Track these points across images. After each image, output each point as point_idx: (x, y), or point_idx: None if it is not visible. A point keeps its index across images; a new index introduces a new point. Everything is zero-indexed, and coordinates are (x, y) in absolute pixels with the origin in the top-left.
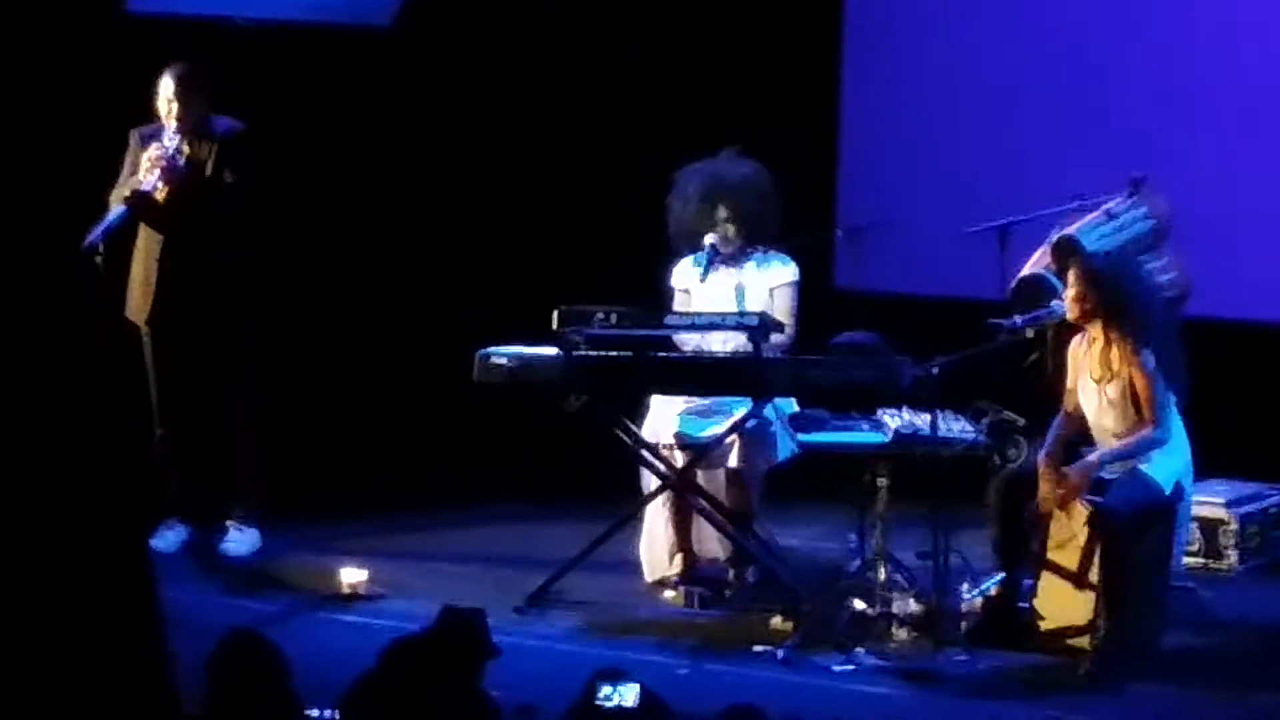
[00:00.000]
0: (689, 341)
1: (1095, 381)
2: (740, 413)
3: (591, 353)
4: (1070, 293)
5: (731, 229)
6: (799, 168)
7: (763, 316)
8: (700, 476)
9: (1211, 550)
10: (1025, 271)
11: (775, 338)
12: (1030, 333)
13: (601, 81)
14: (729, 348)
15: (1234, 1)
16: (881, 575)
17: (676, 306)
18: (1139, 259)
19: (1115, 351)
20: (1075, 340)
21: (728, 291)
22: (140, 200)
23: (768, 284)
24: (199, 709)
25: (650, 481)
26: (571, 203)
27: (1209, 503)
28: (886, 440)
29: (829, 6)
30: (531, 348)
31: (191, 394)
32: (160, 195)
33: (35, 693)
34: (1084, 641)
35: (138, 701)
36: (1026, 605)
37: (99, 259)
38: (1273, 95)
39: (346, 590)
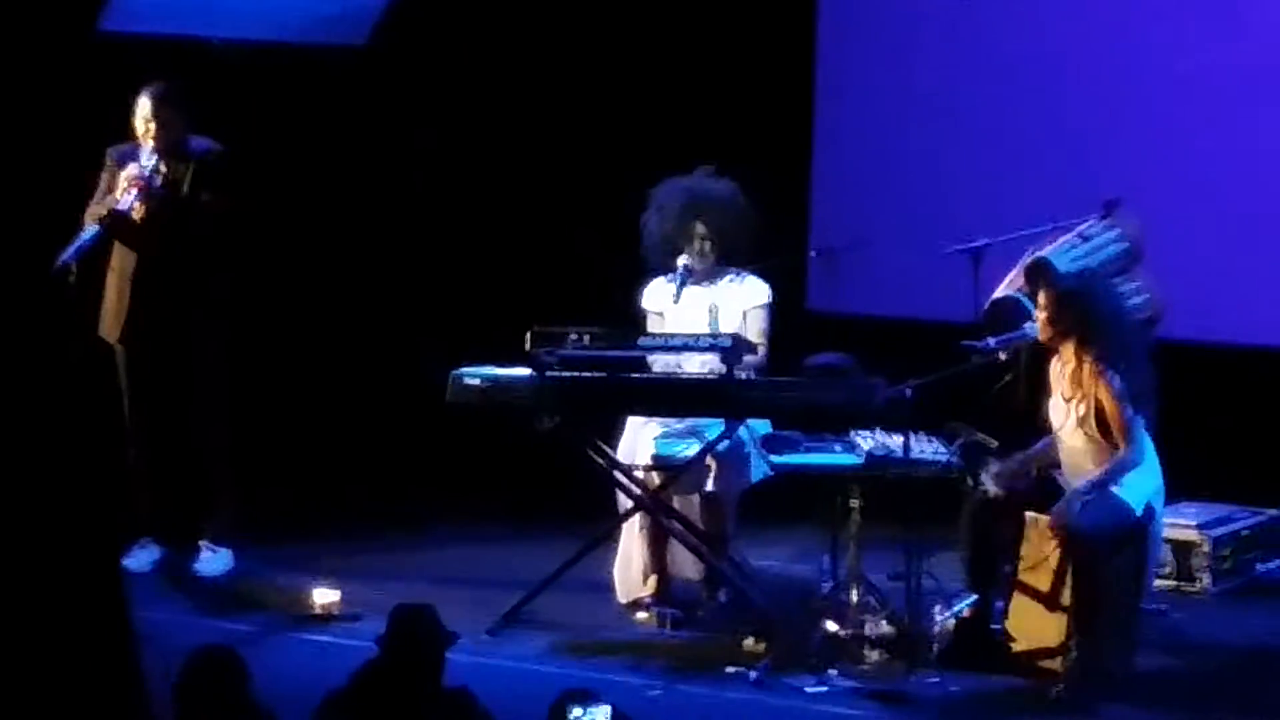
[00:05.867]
0: (663, 362)
1: (1065, 401)
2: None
3: (565, 374)
4: (1041, 315)
5: (708, 245)
6: (772, 189)
7: (736, 338)
8: (675, 499)
9: (1183, 572)
10: (998, 293)
11: (747, 358)
12: (1003, 355)
13: (576, 102)
14: (705, 370)
15: (1209, 27)
16: (854, 597)
17: (651, 328)
18: (1109, 279)
19: (1085, 371)
20: (1054, 361)
21: (701, 312)
22: (117, 220)
23: (741, 305)
24: None
25: (625, 503)
26: (545, 223)
27: (1181, 525)
28: (859, 462)
29: (802, 28)
30: (505, 368)
31: (164, 413)
32: (137, 215)
33: (6, 712)
34: (1056, 663)
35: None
36: (999, 627)
37: (71, 278)
38: (1246, 120)
39: (319, 610)
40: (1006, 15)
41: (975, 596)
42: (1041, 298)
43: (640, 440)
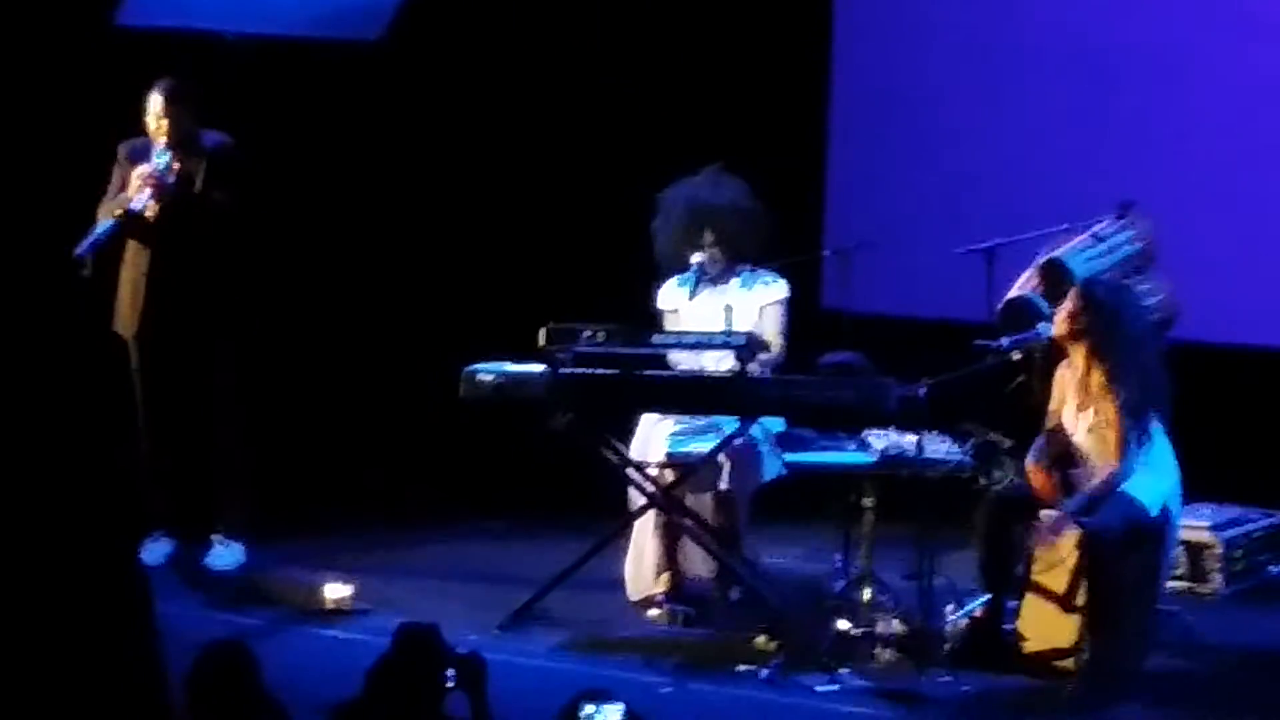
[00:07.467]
0: (679, 361)
1: (1077, 408)
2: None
3: (578, 370)
4: (1064, 308)
5: (718, 251)
6: (787, 188)
7: (750, 335)
8: (687, 496)
9: (1196, 574)
10: (1013, 293)
11: (763, 356)
12: (1017, 355)
13: (591, 100)
14: (721, 367)
15: (1224, 27)
16: (866, 596)
17: (667, 326)
18: (1139, 298)
19: (1094, 378)
20: (1062, 365)
21: (717, 310)
22: (131, 219)
23: (757, 302)
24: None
25: (637, 500)
26: (560, 220)
27: (1194, 526)
28: (873, 461)
29: (817, 28)
30: (518, 365)
31: (178, 407)
32: (151, 214)
33: (28, 707)
34: (1069, 664)
35: (131, 715)
36: (1011, 627)
37: (86, 272)
38: (1260, 120)
39: (331, 605)
40: (1022, 15)
41: (988, 596)
42: (1071, 294)
43: (654, 437)
